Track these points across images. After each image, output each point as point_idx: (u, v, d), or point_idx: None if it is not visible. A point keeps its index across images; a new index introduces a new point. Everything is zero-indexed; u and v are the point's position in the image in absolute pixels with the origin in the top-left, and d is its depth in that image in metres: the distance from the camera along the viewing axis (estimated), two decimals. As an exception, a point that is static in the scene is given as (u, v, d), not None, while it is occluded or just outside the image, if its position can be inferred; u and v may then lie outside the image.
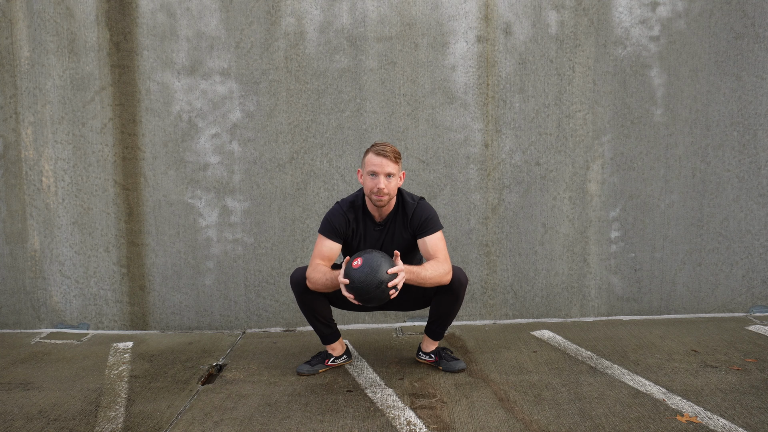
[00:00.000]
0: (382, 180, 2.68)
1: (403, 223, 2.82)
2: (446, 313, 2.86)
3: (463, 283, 2.76)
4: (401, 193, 2.85)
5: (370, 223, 2.84)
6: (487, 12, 3.62)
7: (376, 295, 2.52)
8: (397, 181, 2.75)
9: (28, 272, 3.82)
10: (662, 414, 2.41)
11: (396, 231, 2.82)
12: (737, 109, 3.66)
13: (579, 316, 3.79)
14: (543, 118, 3.67)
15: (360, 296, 2.53)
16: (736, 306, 3.77)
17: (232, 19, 3.63)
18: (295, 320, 3.77)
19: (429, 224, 2.77)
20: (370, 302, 2.55)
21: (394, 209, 2.83)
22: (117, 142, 3.71)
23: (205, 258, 3.76)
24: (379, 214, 2.83)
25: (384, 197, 2.72)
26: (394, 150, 2.73)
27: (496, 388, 2.71)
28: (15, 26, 3.66)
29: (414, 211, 2.79)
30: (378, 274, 2.49)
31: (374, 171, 2.69)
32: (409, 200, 2.83)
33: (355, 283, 2.51)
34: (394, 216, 2.83)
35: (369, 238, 2.84)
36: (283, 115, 3.68)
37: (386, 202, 2.75)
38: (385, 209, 2.81)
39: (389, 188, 2.71)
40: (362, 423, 2.41)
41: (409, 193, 2.89)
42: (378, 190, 2.69)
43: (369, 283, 2.49)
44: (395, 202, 2.83)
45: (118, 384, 2.91)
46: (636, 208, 3.72)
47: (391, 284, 2.51)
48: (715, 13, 3.61)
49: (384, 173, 2.68)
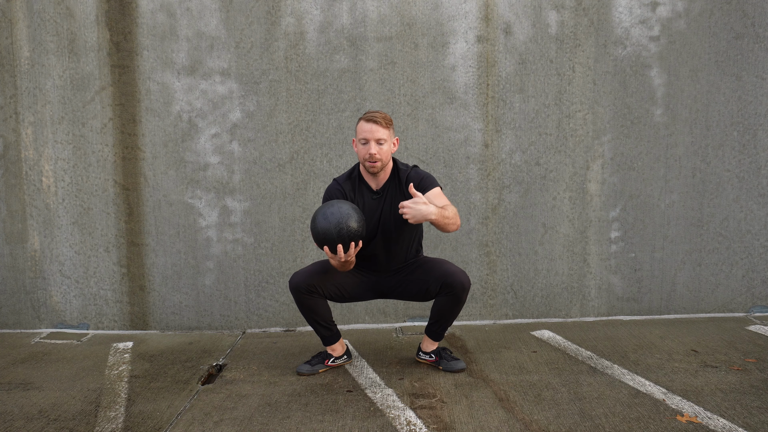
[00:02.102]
0: (373, 145, 2.71)
1: (399, 189, 2.83)
2: (447, 315, 2.86)
3: (466, 287, 2.76)
4: (395, 162, 2.87)
5: (368, 192, 2.85)
6: (487, 12, 3.62)
7: (337, 237, 2.54)
8: (389, 146, 2.76)
9: (28, 272, 3.82)
10: (662, 414, 2.41)
11: (394, 198, 2.83)
12: (737, 109, 3.66)
13: (579, 316, 3.79)
14: (543, 118, 3.67)
15: (320, 237, 2.56)
16: (736, 306, 3.77)
17: (232, 19, 3.63)
18: (295, 320, 3.77)
19: (426, 182, 2.78)
20: (332, 243, 2.56)
21: (390, 177, 2.85)
22: (117, 142, 3.71)
23: (205, 258, 3.76)
24: (375, 183, 2.84)
25: (377, 163, 2.73)
26: (385, 116, 2.75)
27: (496, 388, 2.71)
28: (15, 26, 3.66)
29: (408, 175, 2.81)
30: (337, 218, 2.54)
31: (365, 138, 2.72)
32: (403, 167, 2.86)
33: (316, 226, 2.57)
34: (390, 183, 2.84)
35: (368, 208, 2.84)
36: (283, 115, 3.68)
37: (380, 168, 2.76)
38: (381, 177, 2.83)
39: (381, 154, 2.73)
40: (362, 423, 2.41)
41: (403, 163, 2.91)
42: (370, 155, 2.72)
43: (328, 224, 2.54)
44: (390, 170, 2.85)
45: (118, 384, 2.91)
46: (636, 208, 3.72)
47: (407, 206, 2.52)
48: (715, 13, 3.61)
49: (375, 139, 2.71)
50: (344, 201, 2.65)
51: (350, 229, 2.56)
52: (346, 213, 2.57)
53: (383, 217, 2.83)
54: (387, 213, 2.83)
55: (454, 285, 2.74)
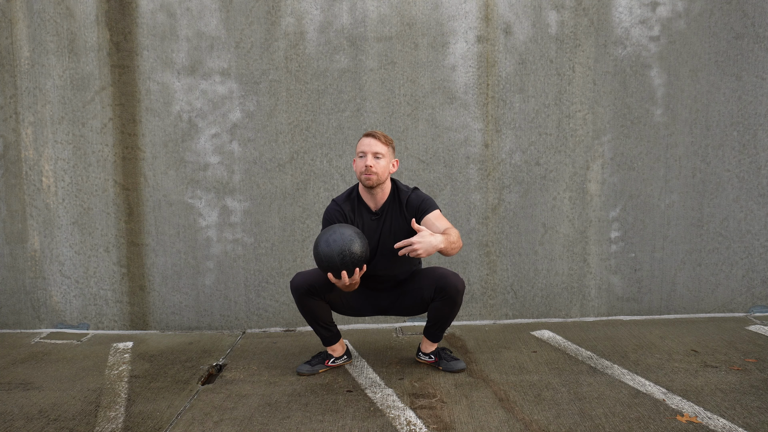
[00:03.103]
0: (369, 158, 2.69)
1: (399, 211, 2.81)
2: (444, 318, 2.85)
3: (459, 290, 2.74)
4: (396, 183, 2.86)
5: (366, 212, 2.84)
6: (487, 12, 3.62)
7: (340, 263, 2.52)
8: (387, 164, 2.74)
9: (28, 272, 3.82)
10: (662, 414, 2.41)
11: (393, 220, 2.81)
12: (737, 109, 3.66)
13: (579, 316, 3.79)
14: (543, 118, 3.67)
15: (323, 263, 2.55)
16: (736, 306, 3.77)
17: (232, 19, 3.63)
18: (295, 320, 3.77)
19: (426, 204, 2.77)
20: (335, 270, 2.54)
21: (389, 197, 2.83)
22: (117, 142, 3.71)
23: (205, 258, 3.76)
24: (374, 203, 2.82)
25: (372, 176, 2.71)
26: (385, 135, 2.76)
27: (496, 388, 2.71)
28: (15, 26, 3.66)
29: (408, 198, 2.80)
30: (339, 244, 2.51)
31: (363, 151, 2.71)
32: (404, 188, 2.85)
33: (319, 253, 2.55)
34: (389, 205, 2.82)
35: (367, 228, 2.83)
36: (283, 115, 3.68)
37: (375, 183, 2.73)
38: (379, 197, 2.81)
39: (377, 167, 2.71)
40: (362, 423, 2.41)
41: (404, 184, 2.90)
42: (366, 167, 2.70)
43: (330, 251, 2.52)
44: (390, 191, 2.83)
45: (118, 384, 2.91)
46: (636, 208, 3.72)
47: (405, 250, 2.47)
48: (715, 13, 3.61)
49: (372, 152, 2.70)
50: (346, 225, 2.62)
51: (353, 255, 2.53)
52: (348, 238, 2.54)
53: (382, 237, 2.82)
54: (386, 234, 2.82)
55: (447, 288, 2.72)
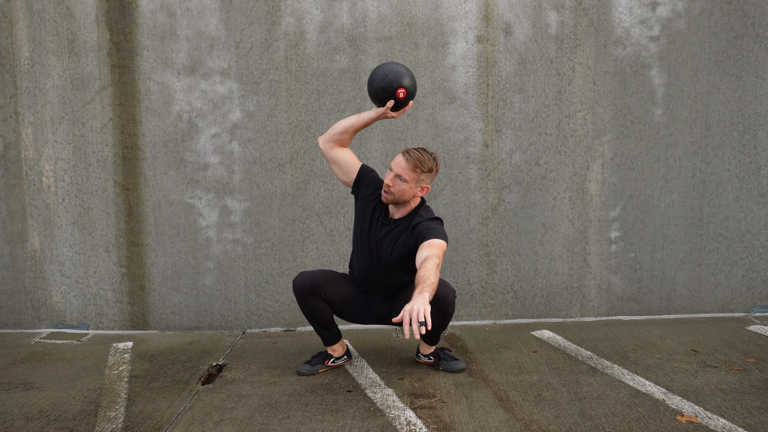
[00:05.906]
0: (391, 176, 2.68)
1: (409, 230, 2.75)
2: (438, 325, 2.79)
3: (449, 301, 2.67)
4: (419, 208, 2.79)
5: (382, 213, 2.84)
6: (487, 12, 3.62)
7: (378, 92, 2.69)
8: (409, 188, 2.69)
9: (28, 272, 3.82)
10: (662, 414, 2.41)
11: (399, 235, 2.78)
12: (737, 109, 3.66)
13: (579, 316, 3.79)
14: (543, 118, 3.67)
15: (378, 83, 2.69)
16: (736, 306, 3.77)
17: (232, 19, 3.63)
18: (295, 320, 3.77)
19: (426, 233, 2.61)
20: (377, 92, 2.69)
21: (407, 216, 2.79)
22: (117, 142, 3.71)
23: (205, 258, 3.76)
24: (391, 212, 2.82)
25: (388, 195, 2.71)
26: (420, 158, 2.67)
27: (496, 388, 2.71)
28: (15, 26, 3.66)
29: (418, 224, 2.70)
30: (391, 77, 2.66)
31: (391, 167, 2.71)
32: (423, 214, 2.76)
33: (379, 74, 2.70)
34: (403, 222, 2.79)
35: (375, 226, 2.82)
36: (283, 115, 3.68)
37: (390, 201, 2.73)
38: (398, 212, 2.79)
39: (395, 188, 2.68)
40: (362, 423, 2.41)
41: (429, 211, 2.80)
42: (385, 185, 2.70)
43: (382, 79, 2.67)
44: (411, 212, 2.78)
45: (118, 384, 2.91)
46: (636, 208, 3.72)
47: (407, 327, 2.17)
48: (715, 13, 3.61)
49: (396, 173, 2.68)
50: (399, 64, 2.74)
51: (403, 83, 2.68)
52: (403, 71, 2.69)
53: (385, 241, 2.80)
54: (390, 240, 2.79)
55: (436, 299, 2.60)
